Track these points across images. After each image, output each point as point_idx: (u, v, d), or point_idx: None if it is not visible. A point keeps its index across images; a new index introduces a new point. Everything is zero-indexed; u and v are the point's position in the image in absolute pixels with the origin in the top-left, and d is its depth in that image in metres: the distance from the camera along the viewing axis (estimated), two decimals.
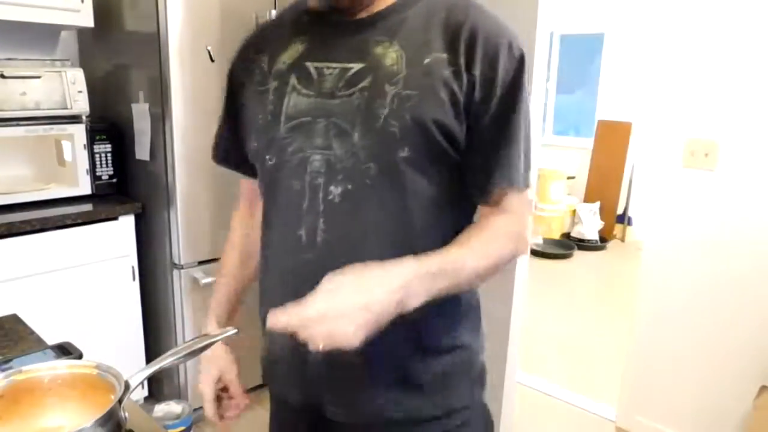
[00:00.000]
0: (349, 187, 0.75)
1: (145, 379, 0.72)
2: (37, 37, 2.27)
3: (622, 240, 5.15)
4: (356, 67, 0.75)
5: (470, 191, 0.81)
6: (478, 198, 0.82)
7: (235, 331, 0.82)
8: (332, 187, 0.75)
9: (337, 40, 0.78)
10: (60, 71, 2.03)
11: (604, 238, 5.00)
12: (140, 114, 2.12)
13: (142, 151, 2.15)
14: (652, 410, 2.25)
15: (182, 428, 0.98)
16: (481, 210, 0.83)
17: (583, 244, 4.88)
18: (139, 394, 2.30)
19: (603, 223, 5.02)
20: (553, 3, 1.68)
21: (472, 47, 0.74)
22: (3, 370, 0.78)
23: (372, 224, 0.76)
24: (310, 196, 0.76)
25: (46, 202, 2.05)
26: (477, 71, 0.74)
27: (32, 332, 1.08)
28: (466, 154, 0.77)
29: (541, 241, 4.72)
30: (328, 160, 0.75)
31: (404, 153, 0.73)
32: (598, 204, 5.03)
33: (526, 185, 0.81)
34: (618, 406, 2.36)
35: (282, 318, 0.66)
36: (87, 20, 2.07)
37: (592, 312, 3.63)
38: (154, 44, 1.98)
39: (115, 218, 2.09)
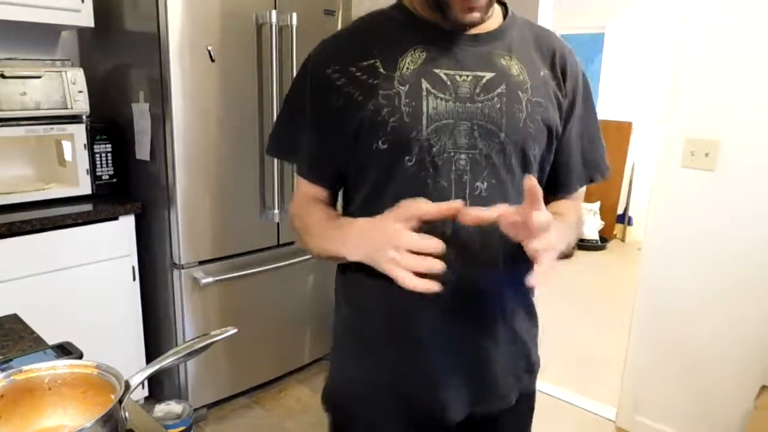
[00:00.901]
0: (494, 181, 0.83)
1: (145, 379, 0.72)
2: (38, 37, 2.28)
3: (623, 240, 5.16)
4: (488, 75, 0.84)
5: (551, 184, 0.96)
6: (556, 191, 0.97)
7: (236, 330, 0.82)
8: (478, 183, 0.83)
9: (460, 50, 0.85)
10: (60, 71, 2.03)
11: (605, 238, 5.00)
12: (140, 114, 2.12)
13: (142, 151, 2.15)
14: (652, 410, 2.25)
15: (182, 428, 0.98)
16: (548, 197, 0.95)
17: (583, 244, 4.88)
18: (140, 394, 2.30)
19: (603, 222, 5.02)
20: (553, 3, 1.68)
21: (563, 68, 0.90)
22: (3, 370, 0.78)
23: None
24: (457, 192, 0.82)
25: (47, 202, 2.05)
26: (568, 87, 0.91)
27: (32, 332, 1.08)
28: (557, 157, 0.93)
29: None
30: (474, 158, 0.82)
31: (535, 150, 0.87)
32: (598, 204, 5.03)
33: (609, 172, 1.02)
34: (618, 406, 2.36)
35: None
36: (87, 20, 2.07)
37: (592, 312, 3.63)
38: (154, 44, 1.98)
39: (116, 218, 2.09)
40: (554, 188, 0.97)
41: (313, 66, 0.89)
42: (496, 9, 0.90)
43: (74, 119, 2.08)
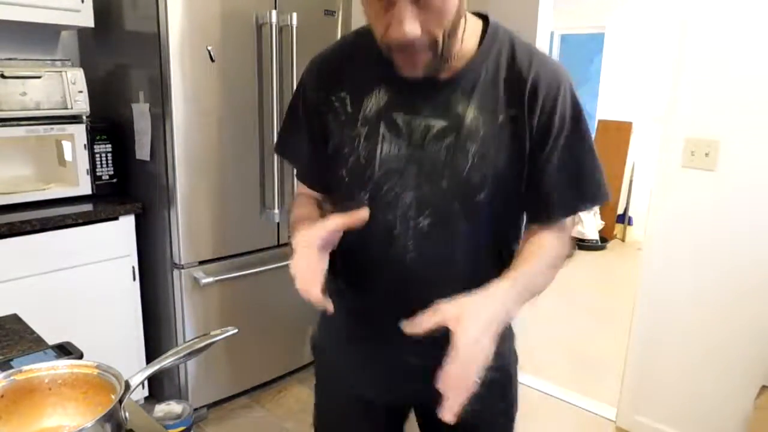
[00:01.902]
0: (435, 220, 0.89)
1: (145, 379, 0.72)
2: (38, 37, 2.28)
3: (623, 240, 5.16)
4: (441, 124, 0.86)
5: (532, 216, 0.95)
6: (541, 222, 0.94)
7: (235, 330, 0.82)
8: (421, 219, 0.89)
9: (420, 95, 0.88)
10: (60, 71, 2.03)
11: (605, 238, 5.00)
12: (140, 114, 2.12)
13: (142, 151, 2.15)
14: (652, 410, 2.25)
15: (182, 428, 0.98)
16: (532, 225, 0.96)
17: (584, 244, 4.88)
18: (140, 394, 2.30)
19: (603, 222, 5.02)
20: (553, 2, 1.68)
21: (534, 97, 0.86)
22: (3, 370, 0.78)
23: (450, 247, 0.91)
24: (401, 227, 0.90)
25: (47, 202, 2.05)
26: (541, 118, 0.86)
27: (32, 332, 1.08)
28: (532, 189, 0.90)
29: None
30: (418, 199, 0.88)
31: (482, 197, 0.87)
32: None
33: (607, 199, 0.95)
34: (618, 406, 2.36)
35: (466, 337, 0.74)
36: (87, 20, 2.07)
37: (592, 312, 3.63)
38: (154, 44, 1.98)
39: (116, 218, 2.09)
40: (534, 219, 0.95)
41: (304, 86, 0.98)
42: (472, 30, 0.87)
43: (74, 119, 2.08)
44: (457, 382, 0.73)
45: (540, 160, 0.88)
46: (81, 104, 2.07)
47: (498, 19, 0.92)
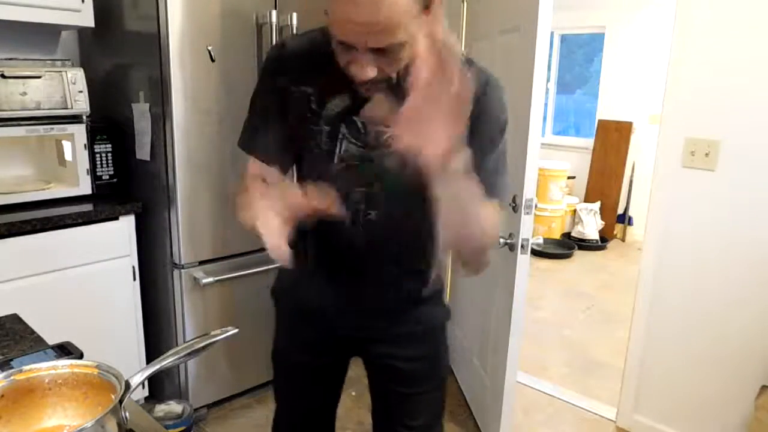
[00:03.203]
0: (384, 211, 1.03)
1: (145, 378, 0.72)
2: (38, 37, 2.28)
3: (623, 240, 5.16)
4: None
5: None
6: None
7: (236, 330, 0.82)
8: (370, 211, 1.03)
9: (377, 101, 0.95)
10: (60, 71, 2.03)
11: (605, 238, 5.00)
12: (140, 114, 2.12)
13: (142, 151, 2.15)
14: (652, 410, 2.25)
15: (183, 428, 0.98)
16: None
17: (584, 244, 4.88)
18: (140, 393, 2.30)
19: (603, 222, 5.02)
20: (553, 2, 1.68)
21: (478, 119, 0.91)
22: (3, 370, 0.78)
23: (398, 230, 1.05)
24: (352, 217, 1.03)
25: (47, 202, 2.05)
26: (478, 135, 0.91)
27: (32, 332, 1.08)
28: None
29: (541, 241, 4.72)
30: (369, 194, 1.02)
31: (428, 192, 0.91)
32: (598, 204, 5.03)
33: (503, 199, 1.06)
34: (618, 406, 2.36)
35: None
36: (87, 20, 2.07)
37: (593, 312, 3.63)
38: (154, 44, 1.98)
39: (116, 218, 2.09)
40: None
41: (268, 72, 1.08)
42: None
43: (74, 119, 2.08)
44: (417, 125, 0.76)
45: (478, 160, 0.93)
46: (81, 104, 2.07)
47: (498, 18, 0.93)
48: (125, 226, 2.12)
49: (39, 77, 1.98)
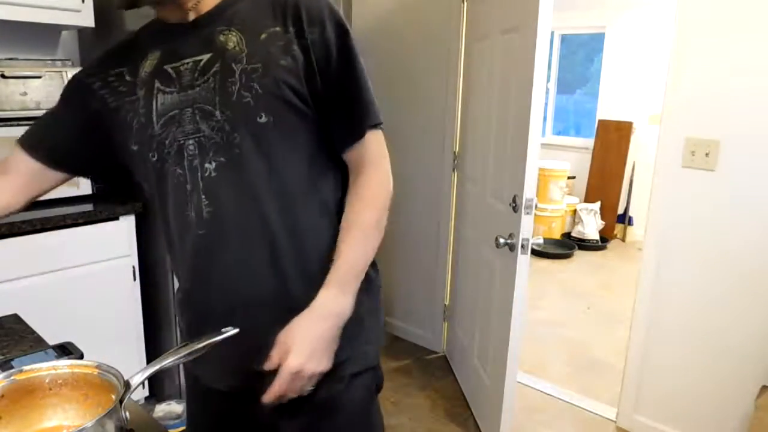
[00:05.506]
0: (222, 160, 0.85)
1: (145, 378, 0.72)
2: (38, 37, 2.28)
3: (623, 240, 5.15)
4: (206, 57, 0.86)
5: (336, 146, 0.91)
6: (343, 147, 0.91)
7: (236, 330, 0.82)
8: (207, 164, 0.86)
9: (185, 41, 0.89)
10: (61, 71, 2.03)
11: (605, 238, 5.00)
12: None
13: None
14: (652, 410, 2.25)
15: (183, 428, 0.98)
16: (349, 162, 0.93)
17: (584, 244, 4.88)
18: (140, 393, 2.30)
19: (603, 222, 5.02)
20: (553, 2, 1.68)
21: (298, 18, 0.85)
22: (3, 370, 0.78)
23: (248, 191, 0.86)
24: (191, 178, 0.87)
25: (47, 202, 2.04)
26: (308, 37, 0.85)
27: (33, 332, 1.08)
28: (322, 112, 0.88)
29: (541, 241, 4.70)
30: (200, 141, 0.86)
31: (262, 119, 0.84)
32: (598, 204, 5.03)
33: (379, 121, 0.92)
34: (618, 406, 2.36)
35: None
36: (88, 20, 2.07)
37: (592, 312, 3.63)
38: None
39: (116, 218, 2.09)
40: (340, 144, 0.92)
41: (76, 78, 0.99)
42: None
43: None
44: (279, 398, 0.84)
45: (325, 80, 0.86)
46: None
47: (498, 18, 0.92)
48: (125, 226, 2.12)
49: (39, 77, 1.98)
